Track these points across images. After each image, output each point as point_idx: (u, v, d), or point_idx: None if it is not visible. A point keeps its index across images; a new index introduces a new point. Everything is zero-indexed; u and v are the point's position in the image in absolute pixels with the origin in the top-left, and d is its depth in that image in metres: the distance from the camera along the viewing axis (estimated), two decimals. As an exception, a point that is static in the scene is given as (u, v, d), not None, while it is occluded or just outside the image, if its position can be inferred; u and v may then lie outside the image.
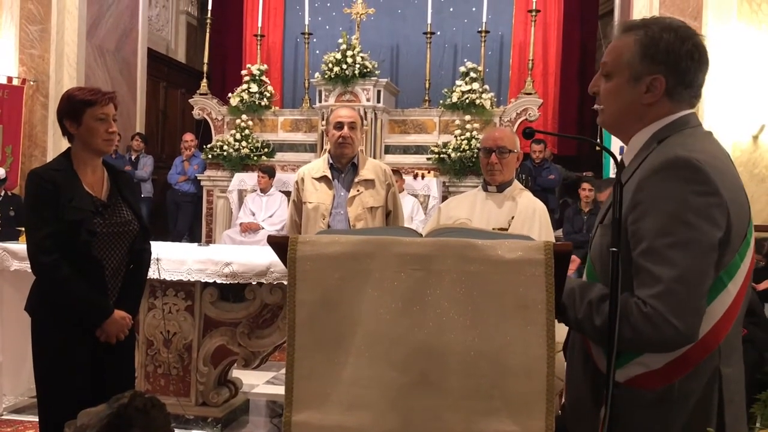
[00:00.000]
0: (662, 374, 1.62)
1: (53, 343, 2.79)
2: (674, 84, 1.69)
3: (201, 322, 4.51)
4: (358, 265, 1.49)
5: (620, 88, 1.73)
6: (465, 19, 11.15)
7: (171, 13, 12.89)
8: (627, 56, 1.71)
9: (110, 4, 9.89)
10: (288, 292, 1.51)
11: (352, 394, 1.47)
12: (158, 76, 12.09)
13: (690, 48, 1.70)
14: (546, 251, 1.43)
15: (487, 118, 9.15)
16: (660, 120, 1.72)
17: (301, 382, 1.49)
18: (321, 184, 3.91)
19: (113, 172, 3.02)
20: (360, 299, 1.49)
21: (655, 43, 1.68)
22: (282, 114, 9.89)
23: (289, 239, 1.53)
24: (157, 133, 12.06)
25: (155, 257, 4.23)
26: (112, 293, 2.89)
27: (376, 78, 9.17)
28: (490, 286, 1.44)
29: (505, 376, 1.43)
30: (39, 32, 8.85)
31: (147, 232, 3.10)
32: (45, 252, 2.73)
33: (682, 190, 1.54)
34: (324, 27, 11.33)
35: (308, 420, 1.48)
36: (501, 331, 1.43)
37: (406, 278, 1.47)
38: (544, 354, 1.42)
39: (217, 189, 9.65)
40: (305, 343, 1.49)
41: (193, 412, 4.49)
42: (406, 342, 1.46)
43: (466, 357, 1.44)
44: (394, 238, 1.50)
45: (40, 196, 2.77)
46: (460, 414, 1.43)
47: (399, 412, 1.45)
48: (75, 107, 2.83)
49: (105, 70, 9.78)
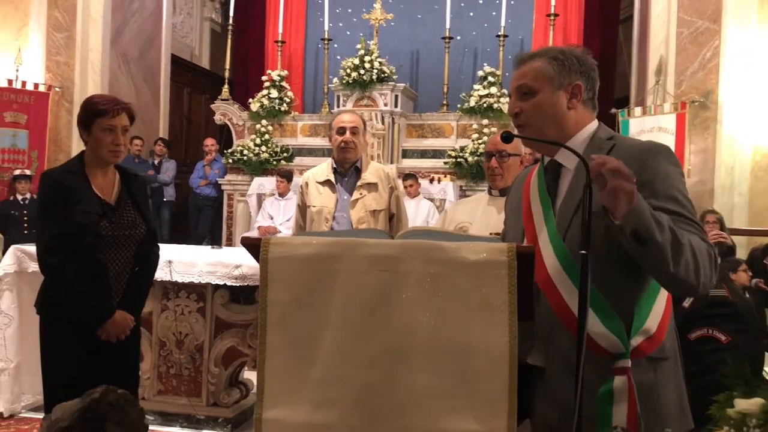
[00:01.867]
0: (655, 338, 1.77)
1: (58, 341, 2.87)
2: (587, 90, 1.92)
3: (212, 323, 4.59)
4: (327, 266, 1.53)
5: (547, 101, 1.89)
6: (485, 23, 11.13)
7: (195, 20, 13.08)
8: (547, 71, 1.89)
9: (134, 12, 10.08)
10: (260, 292, 1.55)
11: (321, 393, 1.51)
12: (182, 82, 12.28)
13: (589, 61, 1.94)
14: (509, 253, 1.45)
15: (505, 122, 9.14)
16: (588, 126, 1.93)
17: (272, 380, 1.53)
18: (325, 188, 3.95)
19: (126, 176, 3.08)
20: (329, 299, 1.52)
21: (568, 58, 1.91)
22: (301, 119, 9.98)
23: (261, 241, 1.57)
24: (182, 138, 12.25)
25: (167, 259, 4.32)
26: (116, 294, 2.95)
27: (393, 83, 9.23)
28: (455, 287, 1.47)
29: (468, 376, 1.46)
30: (65, 39, 9.06)
31: (154, 236, 3.16)
32: (51, 252, 2.80)
33: (676, 170, 1.79)
34: (345, 33, 11.41)
35: (278, 417, 1.52)
36: (465, 331, 1.46)
37: (373, 279, 1.51)
38: (506, 354, 1.44)
39: (237, 193, 9.77)
40: (276, 343, 1.54)
41: (204, 412, 4.56)
42: (372, 341, 1.49)
43: (430, 357, 1.47)
44: (362, 240, 1.54)
45: (49, 197, 2.84)
46: (425, 412, 1.46)
47: (365, 410, 1.48)
48: (87, 116, 2.90)
49: (129, 77, 9.96)
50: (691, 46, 7.78)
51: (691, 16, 7.77)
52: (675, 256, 1.60)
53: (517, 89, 1.94)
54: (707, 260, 1.66)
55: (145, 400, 4.59)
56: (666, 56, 7.90)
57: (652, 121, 7.84)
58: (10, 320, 4.49)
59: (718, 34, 7.61)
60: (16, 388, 4.52)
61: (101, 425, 1.37)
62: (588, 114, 1.94)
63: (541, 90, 1.89)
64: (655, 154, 1.79)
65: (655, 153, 1.79)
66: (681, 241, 1.61)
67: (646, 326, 1.75)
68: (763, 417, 1.17)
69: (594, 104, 1.96)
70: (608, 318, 1.72)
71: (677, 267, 1.60)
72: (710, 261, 1.67)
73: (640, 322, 1.75)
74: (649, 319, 1.76)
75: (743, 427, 1.19)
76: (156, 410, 4.56)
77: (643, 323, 1.75)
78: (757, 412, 1.18)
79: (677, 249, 1.60)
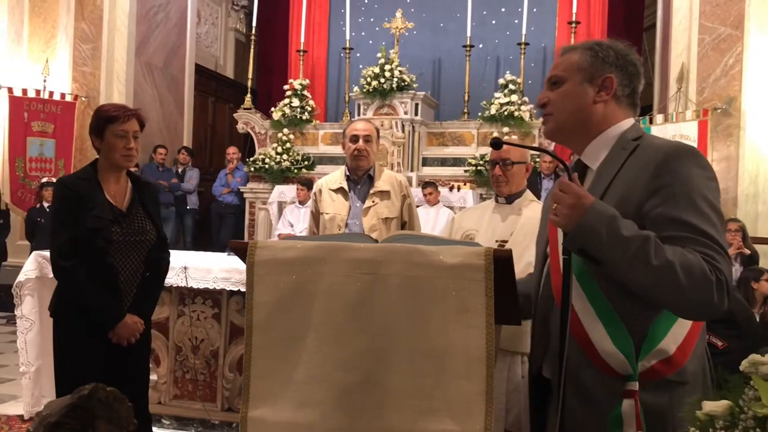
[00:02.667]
0: (673, 360, 1.66)
1: (70, 344, 2.95)
2: (621, 85, 1.81)
3: (227, 329, 4.64)
4: (311, 269, 1.57)
5: (572, 91, 1.82)
6: (507, 31, 11.13)
7: (220, 30, 13.27)
8: (579, 62, 1.83)
9: (159, 23, 10.26)
10: (246, 294, 1.60)
11: (304, 393, 1.54)
12: (207, 91, 12.45)
13: (631, 56, 1.84)
14: (486, 257, 1.48)
15: (525, 130, 9.15)
16: (619, 124, 1.82)
17: (257, 380, 1.57)
18: (338, 196, 3.99)
19: (138, 183, 3.15)
20: (312, 302, 1.56)
21: (605, 50, 1.82)
22: (322, 127, 10.07)
23: (248, 244, 1.61)
24: (206, 147, 12.41)
25: (183, 266, 4.39)
26: (126, 298, 3.02)
27: (413, 91, 9.28)
28: (433, 290, 1.50)
29: (446, 377, 1.48)
30: (91, 50, 9.26)
31: (165, 242, 3.23)
32: (64, 256, 2.89)
33: (700, 174, 1.65)
34: (367, 42, 11.49)
35: (263, 416, 1.56)
36: (443, 333, 1.49)
37: (355, 282, 1.54)
38: (483, 356, 1.46)
39: (259, 201, 9.87)
40: (261, 344, 1.57)
41: (219, 417, 4.60)
42: (353, 343, 1.53)
43: (409, 358, 1.49)
44: (346, 244, 1.58)
45: (63, 203, 2.93)
46: (403, 413, 1.49)
47: (345, 410, 1.51)
48: (99, 123, 2.98)
49: (153, 86, 10.14)
50: (714, 53, 7.71)
51: (713, 23, 7.71)
52: (646, 276, 1.53)
53: (549, 80, 1.90)
54: (700, 281, 1.53)
55: (161, 405, 4.67)
56: (688, 63, 7.84)
57: (673, 128, 7.78)
58: (31, 324, 4.58)
59: (741, 41, 7.54)
60: (36, 390, 4.60)
61: (91, 421, 1.42)
62: (621, 111, 1.83)
63: (569, 79, 1.83)
64: (676, 157, 1.66)
65: (676, 155, 1.66)
66: (652, 263, 1.52)
67: (660, 347, 1.65)
68: (729, 419, 1.18)
69: (632, 102, 1.86)
70: (619, 336, 1.65)
71: (655, 289, 1.54)
72: (704, 281, 1.53)
73: (653, 343, 1.66)
74: (665, 341, 1.66)
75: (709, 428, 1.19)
76: (172, 415, 4.62)
77: (655, 344, 1.66)
78: (724, 414, 1.19)
79: (648, 269, 1.53)
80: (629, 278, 1.57)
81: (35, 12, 9.36)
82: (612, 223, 1.56)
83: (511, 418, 3.02)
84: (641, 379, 1.65)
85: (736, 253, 6.57)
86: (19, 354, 4.56)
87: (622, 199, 1.67)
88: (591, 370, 1.68)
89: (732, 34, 7.58)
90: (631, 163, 1.72)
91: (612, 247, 1.55)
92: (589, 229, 1.55)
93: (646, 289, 1.56)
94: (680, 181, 1.62)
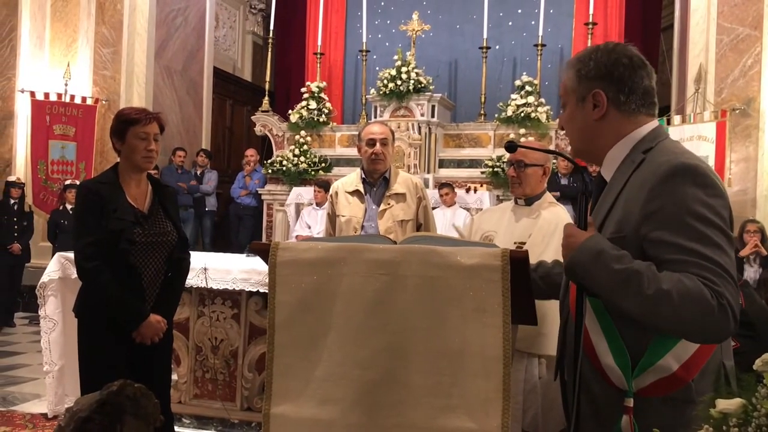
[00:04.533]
0: (675, 378, 1.64)
1: (94, 343, 3.01)
2: (615, 93, 1.76)
3: (246, 329, 4.69)
4: (331, 270, 1.61)
5: (573, 113, 1.83)
6: (523, 32, 11.12)
7: (237, 34, 13.38)
8: (569, 84, 1.82)
9: (177, 27, 10.37)
10: (269, 294, 1.64)
11: (324, 390, 1.58)
12: (225, 94, 12.56)
13: (616, 57, 1.76)
14: (503, 258, 1.51)
15: (542, 131, 9.14)
16: (637, 131, 1.77)
17: (279, 378, 1.61)
18: (354, 198, 4.02)
19: (157, 186, 3.23)
20: (333, 301, 1.60)
21: (586, 65, 1.79)
22: (339, 129, 10.13)
23: (270, 246, 1.65)
24: (224, 149, 12.51)
25: (203, 267, 4.46)
26: (149, 298, 3.08)
27: (430, 93, 9.30)
28: (450, 290, 1.53)
29: (464, 376, 1.51)
30: (111, 54, 9.39)
31: (185, 243, 3.29)
32: (88, 258, 2.95)
33: (696, 193, 1.57)
34: (384, 44, 11.53)
35: (285, 413, 1.60)
36: (460, 332, 1.52)
37: (374, 282, 1.57)
38: (500, 355, 1.49)
39: (276, 203, 9.94)
40: (284, 342, 1.62)
41: (238, 416, 4.65)
42: (372, 342, 1.56)
43: (427, 357, 1.53)
44: (365, 245, 1.61)
45: (86, 206, 3.00)
46: (421, 410, 1.52)
47: (365, 408, 1.55)
48: (120, 125, 3.06)
49: (172, 89, 10.25)
50: (732, 54, 7.67)
51: (731, 23, 7.67)
52: (640, 306, 1.54)
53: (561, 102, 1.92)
54: (699, 308, 1.50)
55: (181, 404, 4.73)
56: (706, 64, 7.81)
57: (691, 129, 7.74)
58: (54, 324, 4.66)
59: (760, 41, 7.50)
60: (60, 390, 4.68)
61: (119, 417, 1.47)
62: (628, 119, 1.76)
63: (568, 103, 1.84)
64: (670, 177, 1.59)
65: (671, 175, 1.60)
66: (645, 293, 1.52)
67: (660, 364, 1.64)
68: (742, 417, 1.20)
69: (639, 103, 1.77)
70: (618, 352, 1.66)
71: (653, 318, 1.54)
72: (704, 308, 1.50)
73: (651, 360, 1.64)
74: (665, 358, 1.64)
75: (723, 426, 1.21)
76: (192, 414, 4.68)
77: (654, 361, 1.64)
78: (737, 412, 1.21)
79: (641, 300, 1.53)
80: (625, 309, 1.58)
81: (56, 17, 9.50)
82: (599, 259, 1.58)
83: (528, 418, 3.04)
84: (642, 396, 1.66)
85: (754, 253, 6.54)
86: (42, 354, 4.64)
87: (622, 219, 1.67)
88: (600, 383, 1.72)
89: (750, 35, 7.55)
90: (634, 179, 1.70)
91: (602, 281, 1.58)
92: (578, 265, 1.61)
93: (643, 319, 1.57)
94: (673, 202, 1.58)
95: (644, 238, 1.61)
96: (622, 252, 1.60)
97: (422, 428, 1.54)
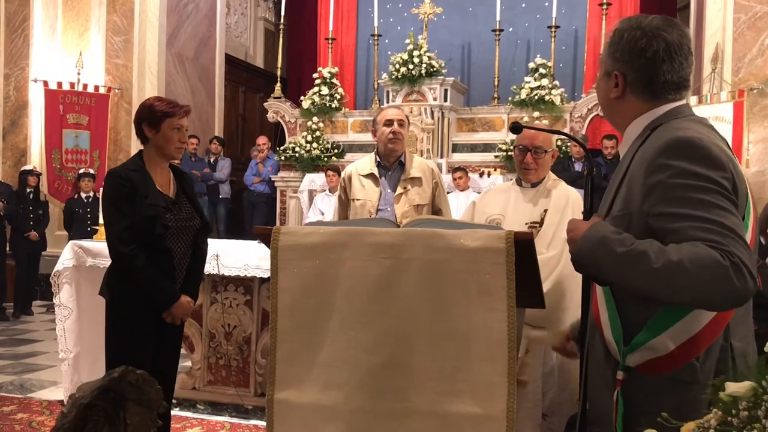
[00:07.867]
0: (672, 358, 1.62)
1: (123, 324, 3.07)
2: (633, 81, 1.73)
3: (259, 316, 4.71)
4: (333, 254, 1.59)
5: (600, 83, 1.82)
6: (537, 14, 11.01)
7: (249, 20, 13.34)
8: (603, 54, 1.80)
9: (189, 14, 10.36)
10: (271, 279, 1.62)
11: (328, 375, 1.57)
12: (237, 81, 12.54)
13: (645, 44, 1.71)
14: (507, 240, 1.48)
15: (557, 114, 9.04)
16: (653, 111, 1.75)
17: (282, 363, 1.60)
18: (368, 182, 3.98)
19: (177, 173, 3.32)
20: (335, 286, 1.58)
21: (617, 42, 1.74)
22: (351, 115, 10.08)
23: (272, 230, 1.64)
24: (237, 137, 12.51)
25: (215, 254, 4.46)
26: (178, 280, 3.17)
27: (442, 77, 9.23)
28: (455, 274, 1.51)
29: (468, 360, 1.49)
30: (123, 43, 9.40)
31: (207, 227, 3.40)
32: (124, 243, 3.03)
33: (693, 167, 1.55)
34: (396, 28, 11.45)
35: (288, 398, 1.59)
36: (465, 316, 1.50)
37: (377, 266, 1.55)
38: (505, 338, 1.47)
39: (289, 189, 9.94)
40: (286, 327, 1.60)
41: (252, 402, 4.67)
42: (376, 326, 1.54)
43: (431, 341, 1.51)
44: (367, 229, 1.59)
45: (119, 192, 3.07)
46: (426, 395, 1.50)
47: (368, 392, 1.54)
48: (156, 116, 3.13)
49: (184, 77, 10.25)
50: (750, 32, 7.53)
51: (749, 1, 7.52)
52: (655, 283, 1.51)
53: None
54: (713, 271, 1.46)
55: (195, 390, 4.76)
56: (723, 43, 7.67)
57: (708, 110, 7.62)
58: (69, 312, 4.69)
59: (775, 26, 7.35)
60: (75, 377, 4.71)
61: (122, 403, 1.46)
62: (642, 104, 1.75)
63: (600, 69, 1.82)
64: (666, 151, 1.59)
65: (666, 149, 1.59)
66: (654, 267, 1.49)
67: (653, 343, 1.63)
68: (752, 400, 1.17)
69: (653, 93, 1.74)
70: (614, 324, 1.68)
71: (670, 292, 1.50)
72: (718, 270, 1.46)
73: (646, 337, 1.63)
74: (660, 337, 1.62)
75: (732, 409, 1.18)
76: (206, 400, 4.71)
77: (648, 339, 1.63)
78: (747, 395, 1.18)
79: (653, 276, 1.50)
80: (640, 289, 1.55)
81: (68, 6, 9.52)
82: (602, 245, 1.57)
83: (546, 401, 3.01)
84: (640, 372, 1.65)
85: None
86: (58, 341, 4.68)
87: (627, 196, 1.67)
88: (607, 355, 1.73)
89: (770, 18, 7.39)
90: (638, 156, 1.69)
91: (610, 266, 1.56)
92: (583, 256, 1.60)
93: (660, 295, 1.53)
94: (670, 175, 1.56)
95: (648, 213, 1.59)
96: (624, 234, 1.57)
97: (427, 413, 1.52)
